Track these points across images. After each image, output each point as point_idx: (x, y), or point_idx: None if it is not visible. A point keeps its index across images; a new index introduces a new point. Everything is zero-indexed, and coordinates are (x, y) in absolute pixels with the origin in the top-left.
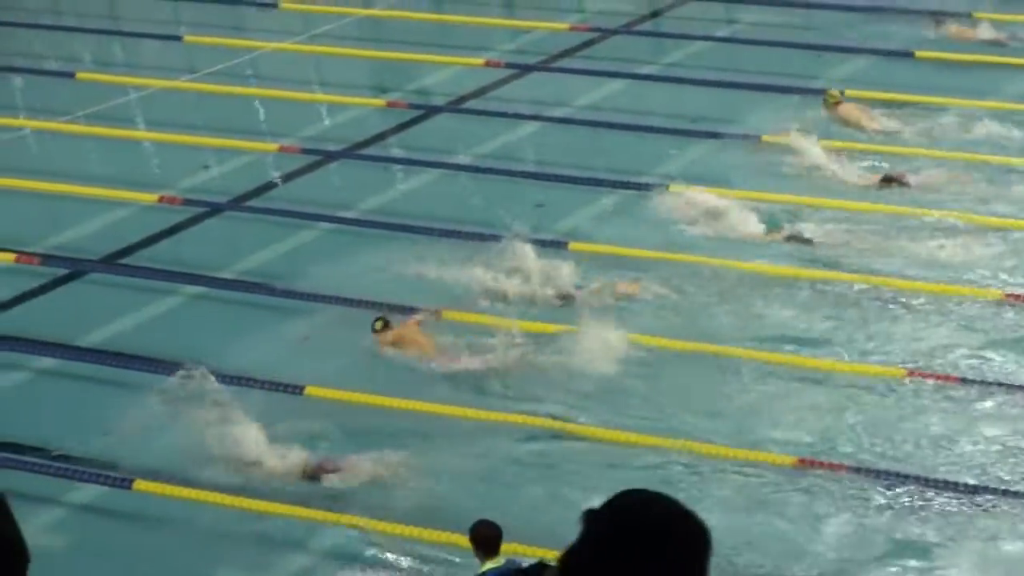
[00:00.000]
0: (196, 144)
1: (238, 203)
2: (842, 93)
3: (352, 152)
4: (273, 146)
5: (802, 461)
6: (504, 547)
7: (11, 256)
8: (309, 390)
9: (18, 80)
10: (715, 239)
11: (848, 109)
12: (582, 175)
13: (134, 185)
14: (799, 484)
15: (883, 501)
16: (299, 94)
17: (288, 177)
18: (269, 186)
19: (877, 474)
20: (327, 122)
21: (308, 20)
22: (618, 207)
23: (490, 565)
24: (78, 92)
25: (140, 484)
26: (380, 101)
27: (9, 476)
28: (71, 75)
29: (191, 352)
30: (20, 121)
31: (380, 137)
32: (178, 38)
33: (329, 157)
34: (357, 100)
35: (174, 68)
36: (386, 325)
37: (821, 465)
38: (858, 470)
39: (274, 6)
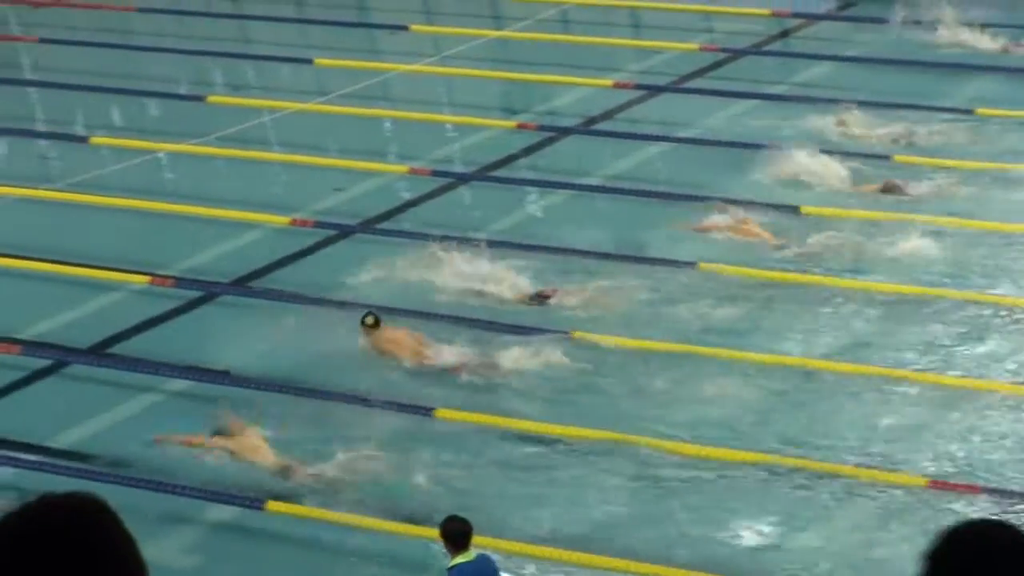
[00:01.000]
0: (327, 166)
1: (368, 225)
2: None
3: (482, 174)
4: (403, 168)
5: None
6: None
7: (146, 278)
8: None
9: (151, 104)
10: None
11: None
12: (713, 195)
13: (265, 207)
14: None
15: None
16: (429, 116)
17: (419, 199)
18: (401, 208)
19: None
20: (457, 144)
21: (438, 42)
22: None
23: (460, 560)
24: (210, 115)
25: (272, 505)
26: (510, 123)
27: (142, 496)
28: (202, 98)
29: (316, 373)
30: (153, 144)
31: (510, 159)
32: (309, 61)
33: (459, 179)
34: (487, 122)
35: (305, 91)
36: (376, 322)
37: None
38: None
39: (404, 28)
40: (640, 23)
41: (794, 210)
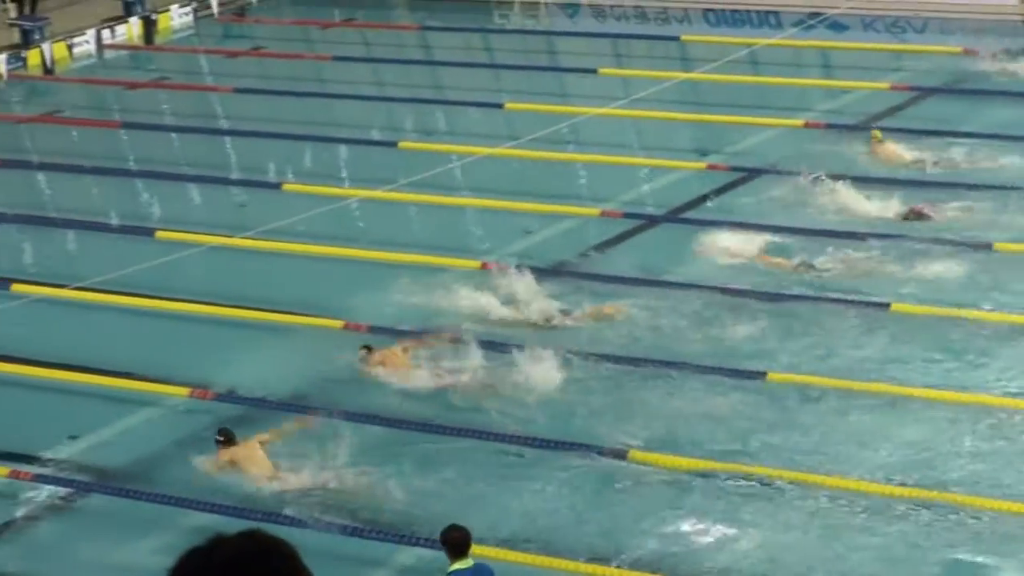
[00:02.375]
0: (518, 210)
1: (559, 269)
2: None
3: (673, 216)
4: (595, 211)
5: None
6: None
7: (340, 323)
8: None
9: (343, 150)
10: None
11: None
12: (911, 233)
13: (456, 252)
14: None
15: None
16: (619, 159)
17: (609, 242)
18: (597, 247)
19: None
20: (647, 186)
21: (628, 84)
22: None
23: (458, 566)
24: (401, 161)
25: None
26: (700, 164)
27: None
28: (393, 144)
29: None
30: (345, 191)
31: (701, 200)
32: (500, 105)
33: (651, 221)
34: (677, 164)
35: (496, 135)
36: (369, 352)
37: None
38: None
39: (594, 72)
40: (830, 63)
41: None
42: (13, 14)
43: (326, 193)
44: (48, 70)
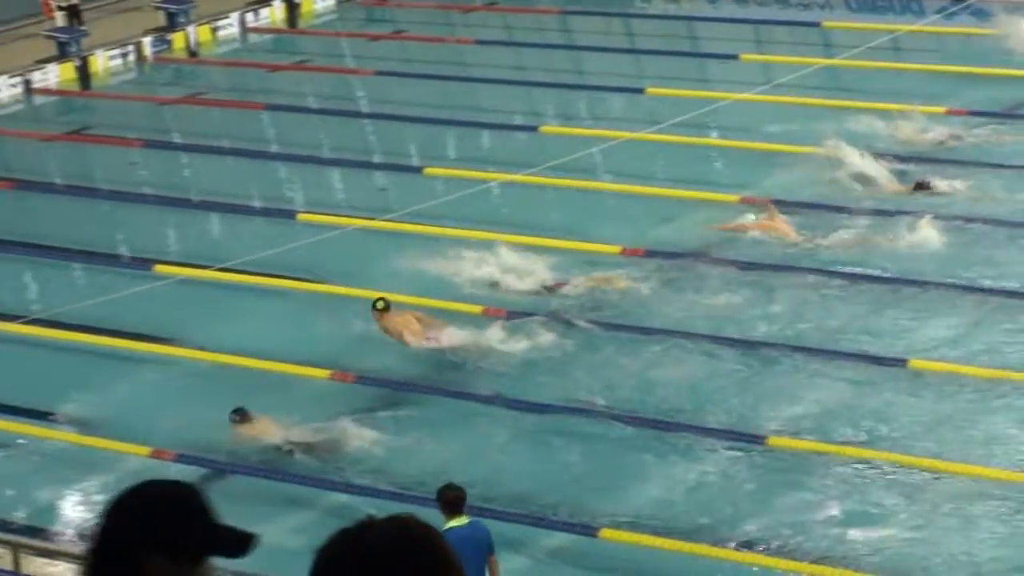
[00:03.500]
0: (658, 195)
1: (700, 255)
2: None
3: (812, 203)
4: (734, 197)
5: None
6: None
7: (479, 308)
8: None
9: (485, 135)
10: None
11: None
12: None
13: (595, 238)
14: None
15: None
16: (760, 145)
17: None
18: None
19: None
20: (787, 173)
21: (769, 70)
22: None
23: (453, 524)
24: (542, 145)
25: (606, 532)
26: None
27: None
28: (535, 129)
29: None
30: (486, 174)
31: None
32: (640, 91)
33: (792, 208)
34: (817, 150)
35: (637, 120)
36: (387, 307)
37: None
38: None
39: (735, 57)
40: (972, 50)
41: None
42: None
43: (467, 177)
44: (192, 53)
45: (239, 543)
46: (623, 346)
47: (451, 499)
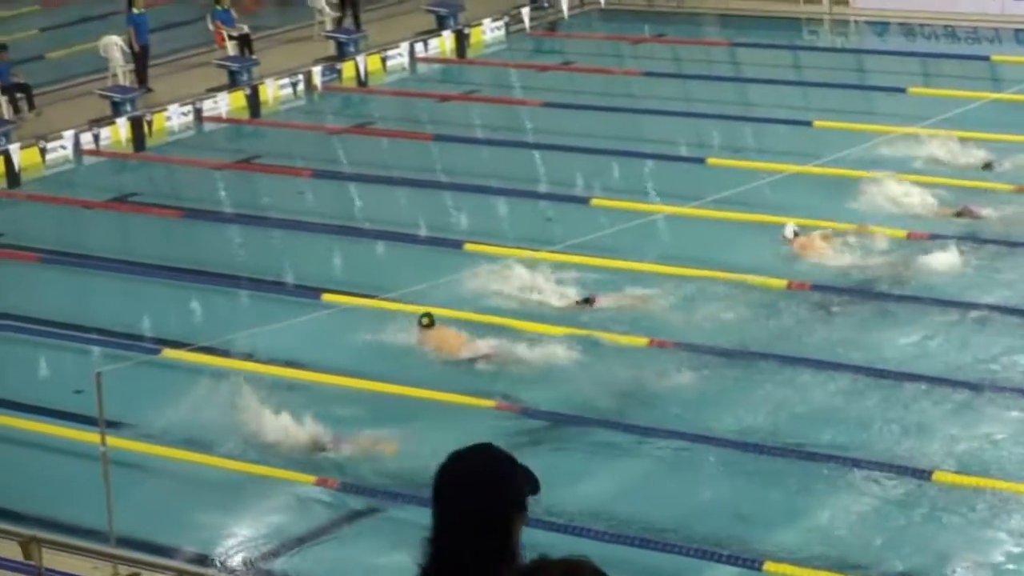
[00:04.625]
0: (820, 228)
1: (863, 289)
2: None
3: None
4: (901, 233)
5: None
6: None
7: (646, 340)
8: None
9: (650, 165)
10: None
11: None
12: None
13: (764, 271)
14: None
15: None
16: (925, 179)
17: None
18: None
19: None
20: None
21: (936, 104)
22: None
23: None
24: (709, 177)
25: (770, 566)
26: (1008, 186)
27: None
28: (701, 160)
29: None
30: (652, 207)
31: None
32: (808, 123)
33: (958, 241)
34: (987, 184)
35: (804, 153)
36: (431, 323)
37: None
38: None
39: (902, 91)
40: None
41: None
42: (330, 26)
43: (633, 208)
44: (361, 82)
45: (537, 482)
46: (780, 376)
47: None
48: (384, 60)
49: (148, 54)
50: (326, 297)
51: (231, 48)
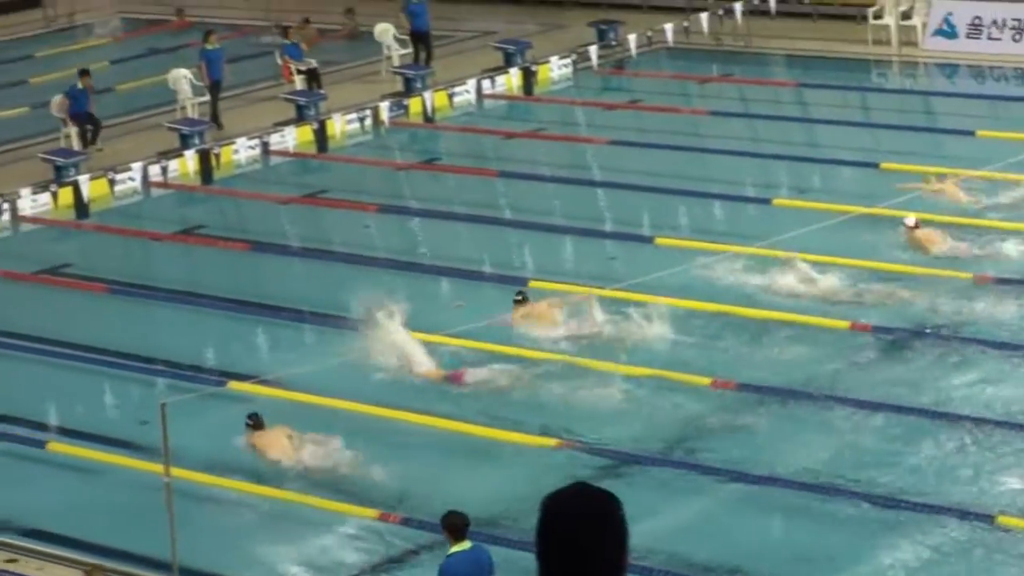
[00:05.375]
0: (891, 271)
1: (920, 332)
2: None
3: None
4: (967, 275)
5: None
6: None
7: (708, 380)
8: None
9: (716, 205)
10: None
11: None
12: None
13: (824, 312)
14: None
15: None
16: (996, 224)
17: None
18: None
19: None
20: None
21: (1006, 147)
22: None
23: (456, 549)
24: (774, 218)
25: None
26: None
27: None
28: (767, 201)
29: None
30: (718, 246)
31: None
32: (875, 165)
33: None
34: None
35: (869, 195)
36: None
37: None
38: None
39: (971, 134)
40: None
41: None
42: (397, 62)
43: (698, 248)
44: (428, 118)
45: None
46: (844, 417)
47: (455, 525)
48: (451, 96)
49: (220, 89)
50: None
51: (299, 83)
